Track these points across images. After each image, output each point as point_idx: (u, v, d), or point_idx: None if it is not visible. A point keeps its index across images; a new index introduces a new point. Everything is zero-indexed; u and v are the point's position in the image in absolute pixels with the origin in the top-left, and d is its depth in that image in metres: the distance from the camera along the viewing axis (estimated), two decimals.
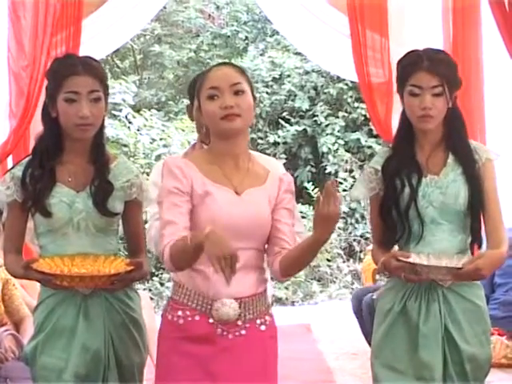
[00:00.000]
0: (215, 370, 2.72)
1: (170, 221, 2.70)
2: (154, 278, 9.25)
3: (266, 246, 2.84)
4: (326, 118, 10.91)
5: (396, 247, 3.09)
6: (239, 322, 2.76)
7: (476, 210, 3.01)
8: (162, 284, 9.32)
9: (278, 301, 8.98)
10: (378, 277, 6.87)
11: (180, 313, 2.77)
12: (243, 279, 2.72)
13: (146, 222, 3.40)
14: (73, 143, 2.90)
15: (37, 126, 5.63)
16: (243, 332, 2.76)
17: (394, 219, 3.02)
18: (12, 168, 2.98)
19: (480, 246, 3.10)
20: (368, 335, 5.30)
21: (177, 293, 2.79)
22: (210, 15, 12.93)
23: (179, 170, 2.74)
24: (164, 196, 2.75)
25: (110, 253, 2.90)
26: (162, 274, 9.25)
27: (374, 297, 5.25)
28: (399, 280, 2.98)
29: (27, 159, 2.95)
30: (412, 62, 2.99)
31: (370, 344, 5.35)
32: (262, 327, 2.79)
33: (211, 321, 2.74)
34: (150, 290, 9.08)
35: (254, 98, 2.83)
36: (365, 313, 5.54)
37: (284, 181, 2.86)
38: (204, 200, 2.74)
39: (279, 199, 2.82)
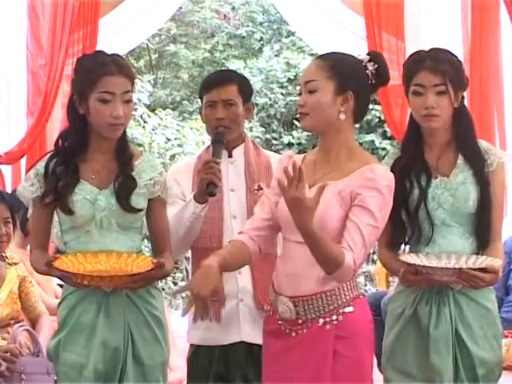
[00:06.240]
0: (279, 368, 2.70)
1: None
2: (168, 277, 9.26)
3: None
4: None
5: (407, 249, 3.08)
6: (300, 321, 2.68)
7: (486, 211, 2.98)
8: (175, 283, 9.33)
9: None
10: (391, 278, 6.86)
11: (266, 306, 2.81)
12: (302, 278, 2.67)
13: None
14: (99, 141, 2.88)
15: (54, 125, 5.68)
16: (305, 331, 2.68)
17: (403, 220, 3.01)
18: (36, 164, 2.94)
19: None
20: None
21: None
22: (225, 15, 12.94)
23: (280, 165, 2.79)
24: None
25: (132, 250, 2.88)
26: (175, 273, 9.26)
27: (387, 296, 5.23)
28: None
29: (49, 154, 2.92)
30: (415, 62, 3.00)
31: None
32: (327, 326, 2.67)
33: (277, 317, 2.73)
34: (163, 289, 9.11)
35: (347, 88, 2.77)
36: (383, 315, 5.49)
37: (364, 176, 2.66)
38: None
39: (354, 195, 2.65)
